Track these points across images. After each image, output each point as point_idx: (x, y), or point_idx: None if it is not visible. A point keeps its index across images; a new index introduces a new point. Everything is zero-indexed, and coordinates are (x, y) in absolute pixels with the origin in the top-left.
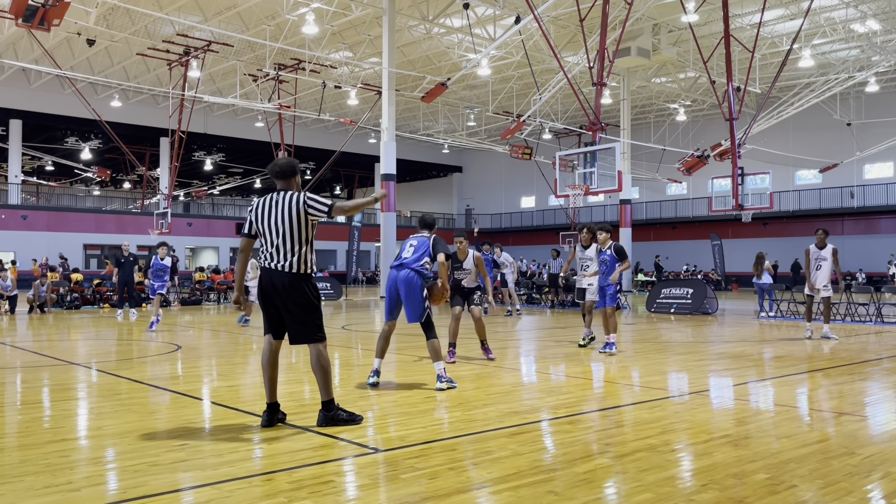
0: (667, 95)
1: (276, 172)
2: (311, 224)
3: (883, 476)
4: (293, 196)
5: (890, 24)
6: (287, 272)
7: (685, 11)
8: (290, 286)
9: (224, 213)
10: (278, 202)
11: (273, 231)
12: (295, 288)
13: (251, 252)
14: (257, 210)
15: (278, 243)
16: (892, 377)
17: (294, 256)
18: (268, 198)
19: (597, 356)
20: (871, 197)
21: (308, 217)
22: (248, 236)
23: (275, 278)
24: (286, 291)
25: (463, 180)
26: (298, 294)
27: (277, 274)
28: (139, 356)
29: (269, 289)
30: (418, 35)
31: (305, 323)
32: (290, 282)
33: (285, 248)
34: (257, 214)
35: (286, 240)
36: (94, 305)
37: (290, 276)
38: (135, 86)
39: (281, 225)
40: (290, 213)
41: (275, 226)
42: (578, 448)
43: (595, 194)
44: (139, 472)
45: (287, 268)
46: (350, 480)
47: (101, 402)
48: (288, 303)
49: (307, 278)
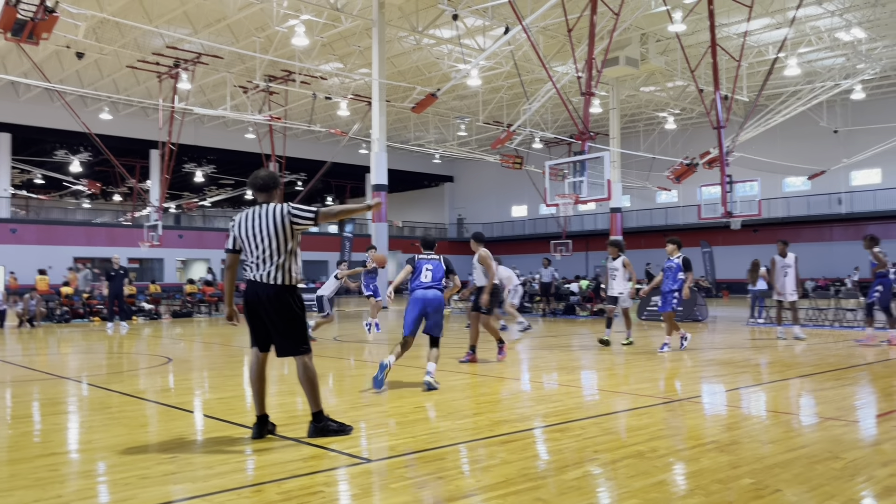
0: (655, 104)
1: (258, 186)
2: (295, 235)
3: (866, 480)
4: (276, 207)
5: (875, 32)
6: (272, 284)
7: (672, 21)
8: (275, 298)
9: (215, 225)
10: (261, 215)
11: (255, 244)
12: (279, 300)
13: (238, 267)
14: (240, 224)
15: (262, 256)
16: (877, 382)
17: (278, 268)
18: (250, 211)
19: (588, 363)
20: (859, 203)
21: (293, 227)
22: (233, 251)
23: (259, 290)
24: (270, 303)
25: (454, 190)
26: (282, 306)
27: (262, 286)
28: (130, 369)
29: (253, 301)
30: (408, 46)
31: (290, 336)
32: (274, 294)
33: (269, 261)
34: (240, 229)
35: (269, 252)
36: (84, 319)
37: (275, 288)
38: (124, 98)
39: (264, 237)
40: (273, 224)
41: (258, 238)
42: (567, 455)
43: (585, 203)
44: (129, 485)
45: (271, 280)
46: (339, 491)
47: (91, 416)
48: (272, 315)
49: (292, 290)
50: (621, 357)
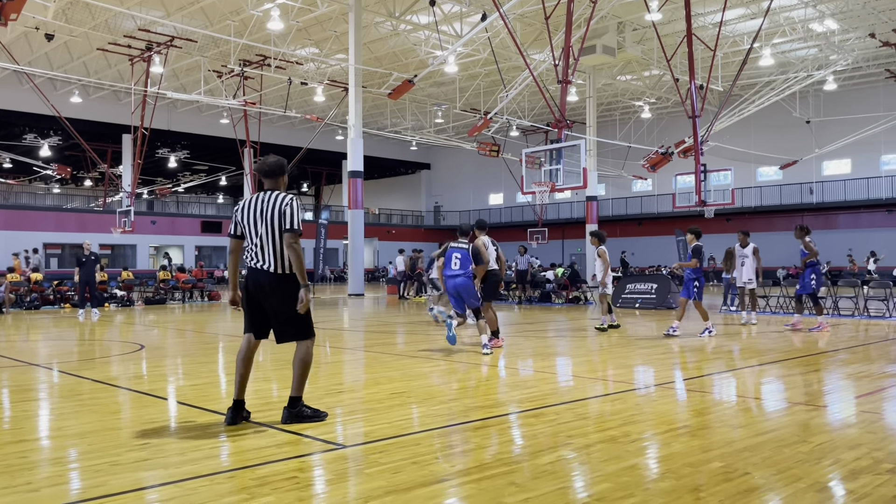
0: (632, 93)
1: (265, 171)
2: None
3: (833, 463)
4: (278, 196)
5: (847, 23)
6: (272, 272)
7: (649, 10)
8: (276, 286)
9: (189, 211)
10: (264, 201)
11: (255, 230)
12: (280, 288)
13: (241, 253)
14: (243, 210)
15: (262, 243)
16: (845, 368)
17: (277, 256)
18: (254, 197)
19: (563, 350)
20: (830, 193)
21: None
22: (236, 237)
23: (260, 278)
24: (272, 291)
25: (431, 177)
26: (284, 294)
27: (262, 274)
28: (101, 356)
29: (254, 289)
30: (385, 31)
31: (292, 322)
32: (275, 281)
33: (269, 248)
34: (243, 214)
35: (270, 240)
36: (54, 305)
37: (275, 276)
38: (95, 81)
39: (265, 224)
40: (272, 212)
41: (258, 225)
42: (541, 440)
43: (561, 191)
44: (100, 471)
45: (272, 268)
46: (314, 476)
47: (62, 403)
48: (274, 302)
49: (292, 277)
50: (596, 344)
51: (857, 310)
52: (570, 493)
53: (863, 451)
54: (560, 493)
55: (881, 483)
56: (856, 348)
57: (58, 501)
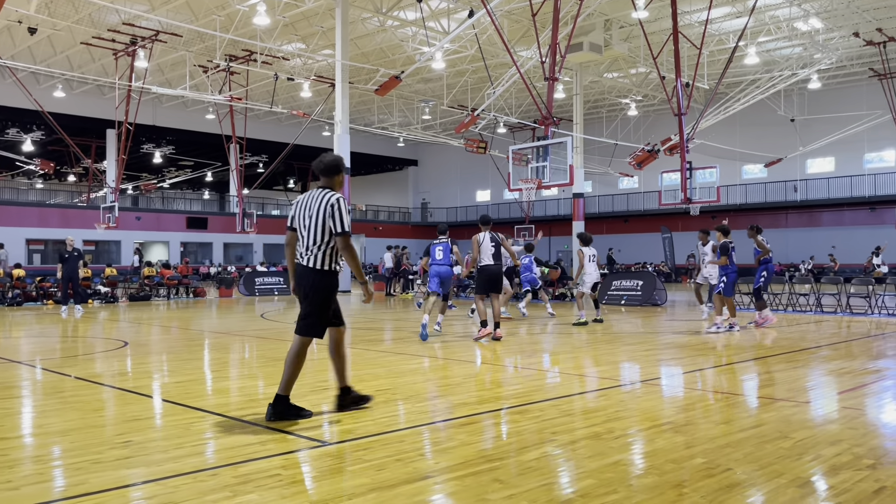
0: (618, 90)
1: (321, 169)
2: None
3: (813, 458)
4: (326, 195)
5: (831, 22)
6: (310, 268)
7: (635, 8)
8: (311, 281)
9: (174, 207)
10: (315, 198)
11: (304, 226)
12: (313, 282)
13: (296, 245)
14: (297, 205)
15: (305, 239)
16: (827, 364)
17: (317, 254)
18: (308, 194)
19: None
20: (814, 191)
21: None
22: (291, 230)
23: (299, 272)
24: (307, 284)
25: (418, 174)
26: (313, 288)
27: (303, 269)
28: (85, 353)
29: (298, 283)
30: (372, 27)
31: (307, 316)
32: (311, 276)
33: (310, 244)
34: (296, 209)
35: (311, 236)
36: (36, 302)
37: (313, 271)
38: (79, 76)
39: (311, 221)
40: (318, 211)
41: (306, 221)
42: (526, 437)
43: (548, 188)
44: (81, 469)
45: (311, 263)
46: (296, 473)
47: (44, 400)
48: (305, 294)
49: (327, 274)
50: (581, 341)
51: (839, 306)
52: (555, 489)
53: (843, 446)
54: (544, 489)
55: (861, 479)
56: (838, 345)
57: (38, 499)
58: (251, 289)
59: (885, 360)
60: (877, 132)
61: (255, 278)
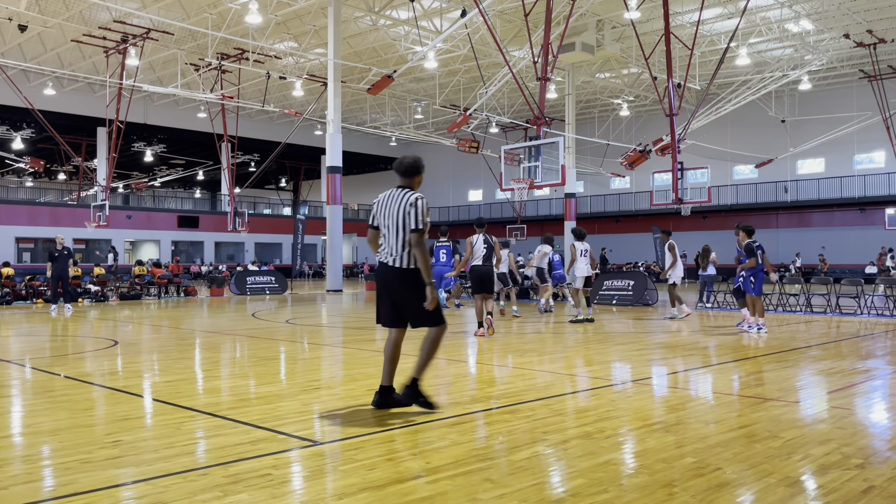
0: (610, 91)
1: (402, 170)
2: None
3: (802, 458)
4: (406, 195)
5: (822, 24)
6: (396, 267)
7: (627, 8)
8: (400, 281)
9: (165, 206)
10: (395, 198)
11: (385, 225)
12: (404, 282)
13: (378, 243)
14: (379, 204)
15: (388, 238)
16: (817, 364)
17: (400, 252)
18: (388, 193)
19: (541, 346)
20: (804, 191)
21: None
22: (374, 228)
23: (386, 272)
24: (397, 285)
25: None
26: (409, 287)
27: (388, 268)
28: (74, 352)
29: (381, 281)
30: (364, 26)
31: (424, 312)
32: (399, 276)
33: (393, 244)
34: (379, 208)
35: (394, 235)
36: (26, 301)
37: (399, 270)
38: (69, 73)
39: (392, 220)
40: (399, 210)
41: (387, 220)
42: (517, 437)
43: (539, 188)
44: (70, 469)
45: (395, 262)
46: (288, 473)
47: (33, 399)
48: (401, 295)
49: (414, 272)
50: (573, 340)
51: (828, 307)
52: (546, 488)
53: (832, 446)
54: (535, 489)
55: (850, 478)
56: (827, 345)
57: (27, 499)
58: (242, 288)
59: (873, 360)
60: (867, 133)
61: (246, 277)
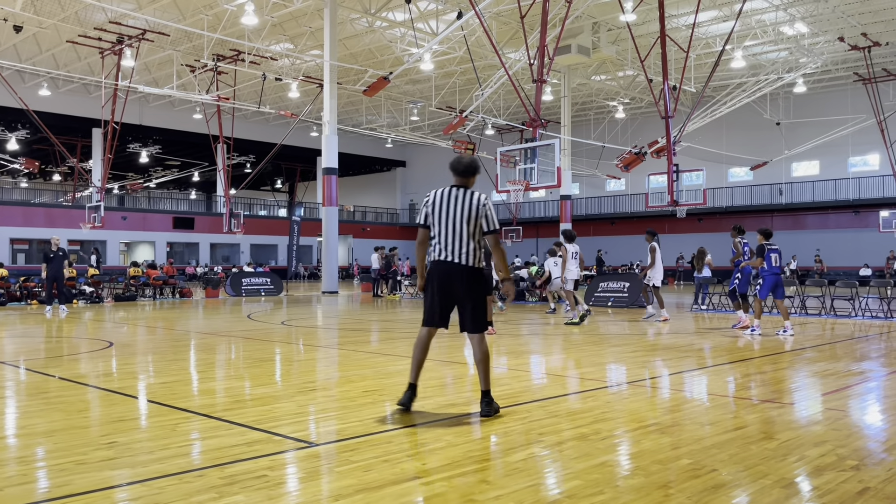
0: (606, 93)
1: (460, 170)
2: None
3: (798, 459)
4: (473, 194)
5: (817, 27)
6: (463, 265)
7: (623, 11)
8: (467, 278)
9: (161, 207)
10: (457, 198)
11: (446, 225)
12: (471, 280)
13: (428, 243)
14: (434, 204)
15: (452, 237)
16: (812, 366)
17: (467, 251)
18: (444, 192)
19: (536, 348)
20: (799, 194)
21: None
22: (425, 227)
23: (451, 270)
24: (462, 283)
25: (406, 175)
26: (473, 287)
27: (453, 266)
28: (69, 354)
29: (443, 280)
30: (360, 28)
31: (475, 314)
32: (467, 274)
33: (458, 243)
34: (433, 207)
35: (459, 234)
36: (21, 302)
37: (466, 268)
38: (65, 74)
39: (458, 220)
40: (468, 210)
41: (450, 220)
42: (513, 438)
43: (535, 190)
44: (65, 470)
45: (462, 261)
46: (283, 474)
47: (28, 401)
48: (462, 293)
49: (480, 272)
50: (568, 342)
51: (823, 309)
52: (541, 490)
53: (827, 447)
54: (531, 490)
55: (845, 479)
56: (822, 346)
57: (22, 501)
58: (238, 289)
59: (868, 361)
60: (861, 136)
61: (241, 279)
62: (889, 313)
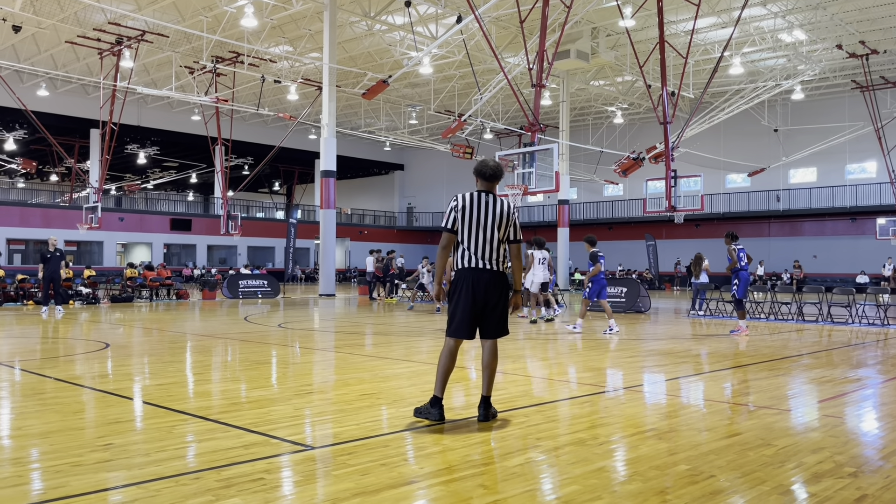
0: (605, 98)
1: (487, 175)
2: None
3: (795, 466)
4: (503, 202)
5: (815, 34)
6: (496, 271)
7: (622, 17)
8: (499, 284)
9: (158, 209)
10: (488, 203)
11: (482, 231)
12: (501, 286)
13: (453, 248)
14: (464, 209)
15: (485, 243)
16: (809, 372)
17: (496, 257)
18: (472, 196)
19: (533, 352)
20: (796, 200)
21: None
22: (453, 232)
23: (486, 277)
24: (495, 288)
25: (404, 178)
26: (505, 292)
27: (487, 272)
28: (65, 355)
29: (478, 287)
30: (360, 31)
31: (503, 319)
32: (499, 280)
33: (490, 248)
34: (464, 213)
35: (490, 240)
36: (17, 302)
37: (499, 274)
38: (63, 75)
39: (489, 226)
40: (501, 216)
41: (483, 226)
42: (510, 443)
43: (533, 194)
44: (61, 472)
45: (495, 267)
46: (280, 478)
47: (23, 402)
48: (494, 299)
49: (508, 279)
50: (566, 346)
51: (820, 316)
52: (539, 495)
53: (825, 454)
54: (528, 495)
55: (843, 486)
56: (819, 353)
57: (17, 503)
58: (235, 291)
59: (865, 368)
60: (858, 144)
61: (238, 281)
62: (886, 320)
